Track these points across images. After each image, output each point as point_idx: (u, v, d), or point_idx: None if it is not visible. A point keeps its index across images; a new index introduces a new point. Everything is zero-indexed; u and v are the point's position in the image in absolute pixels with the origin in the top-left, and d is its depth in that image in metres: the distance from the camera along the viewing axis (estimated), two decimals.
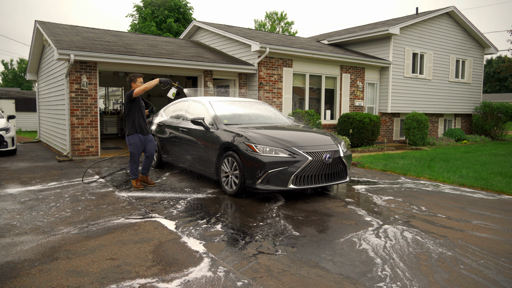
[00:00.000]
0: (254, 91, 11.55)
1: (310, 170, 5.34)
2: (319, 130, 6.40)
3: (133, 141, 6.02)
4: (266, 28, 43.42)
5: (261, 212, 4.90)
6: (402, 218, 4.75)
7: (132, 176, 6.18)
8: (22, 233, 4.04)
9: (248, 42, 11.50)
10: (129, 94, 5.93)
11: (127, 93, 5.96)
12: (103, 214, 4.76)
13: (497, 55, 50.76)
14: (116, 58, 9.15)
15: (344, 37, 14.90)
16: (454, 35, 15.93)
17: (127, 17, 50.99)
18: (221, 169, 5.89)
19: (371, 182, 7.03)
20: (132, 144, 6.01)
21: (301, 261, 3.41)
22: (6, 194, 5.78)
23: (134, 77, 6.06)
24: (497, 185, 6.61)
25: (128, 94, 5.95)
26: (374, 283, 3.02)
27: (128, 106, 6.00)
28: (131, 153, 6.06)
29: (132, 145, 6.02)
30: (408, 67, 14.40)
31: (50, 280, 2.99)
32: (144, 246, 3.70)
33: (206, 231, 4.15)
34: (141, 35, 13.88)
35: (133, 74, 6.08)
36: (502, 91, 51.12)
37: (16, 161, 9.12)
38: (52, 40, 9.20)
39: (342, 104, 13.25)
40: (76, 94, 9.09)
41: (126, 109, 6.04)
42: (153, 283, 2.97)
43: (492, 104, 16.51)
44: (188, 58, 10.56)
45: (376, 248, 3.74)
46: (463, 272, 3.25)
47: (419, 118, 12.89)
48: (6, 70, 56.68)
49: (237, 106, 6.99)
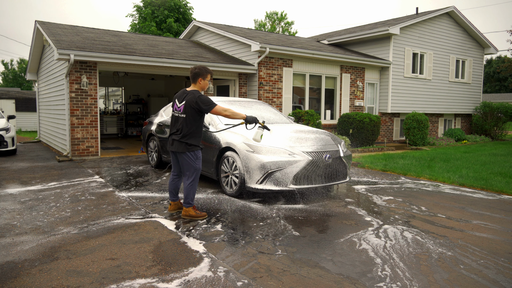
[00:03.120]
0: (254, 91, 11.55)
1: (310, 170, 5.34)
2: (319, 130, 6.40)
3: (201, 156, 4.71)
4: (266, 28, 43.42)
5: (261, 212, 4.90)
6: (402, 218, 4.76)
7: (191, 201, 4.64)
8: (22, 233, 4.05)
9: (248, 42, 11.50)
10: (210, 104, 4.42)
11: (206, 99, 4.42)
12: (103, 214, 4.76)
13: (497, 55, 50.78)
14: (116, 58, 9.16)
15: (344, 37, 14.90)
16: (454, 35, 15.93)
17: (127, 17, 51.00)
18: (221, 169, 5.89)
19: (371, 182, 7.04)
20: (200, 159, 4.62)
21: (301, 261, 3.41)
22: (6, 194, 5.78)
23: (205, 71, 4.57)
24: (497, 185, 6.61)
25: (208, 102, 4.42)
26: (374, 283, 3.02)
27: (200, 115, 4.52)
28: (196, 171, 4.60)
29: (200, 161, 4.64)
30: (408, 67, 14.40)
31: (50, 280, 2.99)
32: (144, 246, 3.70)
33: (206, 231, 4.16)
34: (141, 35, 13.88)
35: (204, 68, 4.56)
36: (502, 91, 51.12)
37: (16, 161, 9.12)
38: (52, 40, 9.20)
39: (342, 104, 13.25)
40: (76, 94, 9.09)
41: (196, 116, 4.47)
42: (153, 283, 2.97)
43: (492, 104, 16.51)
44: (188, 58, 10.56)
45: (376, 248, 3.74)
46: (463, 272, 3.25)
47: (419, 118, 12.89)
48: (6, 70, 56.69)
49: (237, 106, 6.98)
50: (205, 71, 4.56)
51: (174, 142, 4.52)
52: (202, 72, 4.54)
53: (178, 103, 4.56)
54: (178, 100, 4.58)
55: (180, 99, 4.56)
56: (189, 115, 4.46)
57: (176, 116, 4.56)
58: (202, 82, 4.57)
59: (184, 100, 4.49)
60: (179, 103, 4.55)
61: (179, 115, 4.52)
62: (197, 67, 4.56)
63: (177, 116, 4.55)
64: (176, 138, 4.50)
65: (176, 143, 4.50)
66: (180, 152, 4.51)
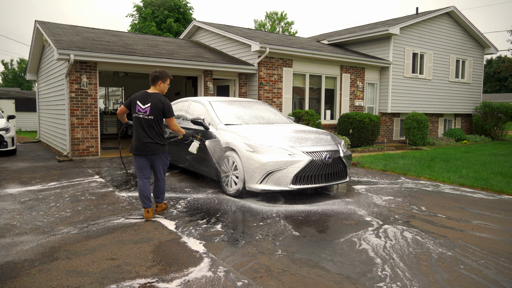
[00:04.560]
0: (254, 91, 11.55)
1: (310, 170, 5.34)
2: (319, 130, 6.40)
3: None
4: (266, 28, 43.42)
5: (261, 212, 4.89)
6: (402, 218, 4.75)
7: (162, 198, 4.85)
8: (22, 233, 4.04)
9: (248, 42, 11.50)
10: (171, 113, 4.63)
11: (171, 107, 4.61)
12: (103, 214, 4.76)
13: (497, 55, 50.77)
14: (116, 58, 9.16)
15: (344, 37, 14.90)
16: (454, 35, 15.93)
17: (127, 17, 50.99)
18: (221, 169, 5.89)
19: (371, 182, 7.03)
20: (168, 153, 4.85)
21: (301, 261, 3.41)
22: (6, 194, 5.78)
23: (166, 75, 4.67)
24: (497, 185, 6.61)
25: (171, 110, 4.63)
26: (374, 283, 3.02)
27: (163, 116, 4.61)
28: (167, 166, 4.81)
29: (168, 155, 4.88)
30: (408, 67, 14.40)
31: (50, 280, 2.99)
32: (144, 246, 3.70)
33: (206, 231, 4.15)
34: (141, 35, 13.88)
35: (164, 72, 4.69)
36: (502, 91, 51.12)
37: (16, 161, 9.12)
38: (52, 40, 9.20)
39: (342, 104, 13.25)
40: (76, 94, 9.09)
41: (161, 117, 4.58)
42: (153, 283, 2.97)
43: (492, 104, 16.50)
44: (188, 58, 10.56)
45: (376, 248, 3.74)
46: (463, 272, 3.25)
47: (419, 118, 12.89)
48: (6, 70, 56.70)
49: (237, 106, 6.98)
50: (165, 74, 4.65)
51: (149, 145, 4.47)
52: (163, 75, 4.62)
53: (142, 105, 4.48)
54: (141, 102, 4.50)
55: (144, 101, 4.50)
56: (157, 116, 4.50)
57: (142, 118, 4.48)
58: (162, 85, 4.64)
59: (150, 102, 4.48)
60: (143, 105, 4.48)
61: (145, 117, 4.47)
62: (158, 71, 4.64)
63: (145, 118, 4.47)
64: (150, 141, 4.47)
65: (152, 146, 4.48)
66: (156, 154, 4.54)
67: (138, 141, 4.48)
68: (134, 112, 4.52)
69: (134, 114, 4.52)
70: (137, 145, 4.48)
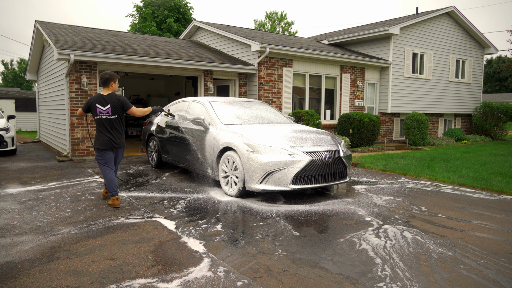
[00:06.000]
0: (254, 91, 11.55)
1: (310, 170, 5.34)
2: (319, 130, 6.40)
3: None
4: (266, 28, 43.43)
5: (261, 212, 4.89)
6: (402, 218, 4.75)
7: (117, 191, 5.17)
8: (22, 233, 4.04)
9: (248, 42, 11.50)
10: (129, 104, 5.11)
11: (126, 100, 5.10)
12: (103, 214, 4.76)
13: (497, 55, 50.79)
14: (116, 58, 9.15)
15: (344, 37, 14.90)
16: (454, 35, 15.93)
17: (127, 17, 50.98)
18: (220, 169, 5.89)
19: (371, 182, 7.03)
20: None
21: (301, 261, 3.41)
22: (6, 194, 5.78)
23: (115, 76, 5.15)
24: (497, 185, 6.61)
25: (128, 102, 5.11)
26: (374, 283, 3.02)
27: (123, 113, 5.15)
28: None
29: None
30: (408, 67, 14.40)
31: (50, 280, 2.99)
32: (144, 246, 3.70)
33: (206, 231, 4.15)
34: (141, 35, 13.88)
35: (113, 73, 5.14)
36: (502, 91, 51.13)
37: (16, 161, 9.12)
38: (52, 40, 9.20)
39: (342, 104, 13.25)
40: (76, 94, 9.09)
41: (122, 114, 5.12)
42: (153, 283, 2.97)
43: (492, 104, 16.51)
44: (188, 58, 10.56)
45: (376, 248, 3.74)
46: (463, 272, 3.25)
47: (419, 118, 12.89)
48: (6, 70, 56.72)
49: (237, 106, 6.98)
50: (115, 75, 5.16)
51: (118, 140, 5.09)
52: (113, 76, 5.13)
53: (103, 107, 4.98)
54: (100, 104, 4.98)
55: (103, 103, 4.99)
56: (119, 114, 5.08)
57: (106, 118, 5.00)
58: (114, 85, 5.15)
59: (109, 103, 4.99)
60: (103, 106, 4.98)
61: (109, 117, 5.01)
62: (107, 73, 5.11)
63: (109, 118, 5.01)
64: (118, 136, 5.09)
65: (119, 141, 5.13)
66: (122, 148, 5.22)
67: (106, 138, 5.02)
68: (96, 115, 5.00)
69: (96, 116, 5.00)
70: (106, 141, 5.01)
